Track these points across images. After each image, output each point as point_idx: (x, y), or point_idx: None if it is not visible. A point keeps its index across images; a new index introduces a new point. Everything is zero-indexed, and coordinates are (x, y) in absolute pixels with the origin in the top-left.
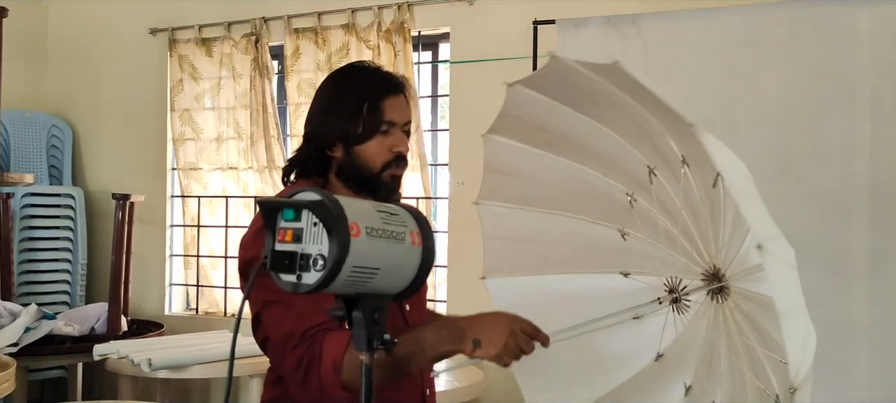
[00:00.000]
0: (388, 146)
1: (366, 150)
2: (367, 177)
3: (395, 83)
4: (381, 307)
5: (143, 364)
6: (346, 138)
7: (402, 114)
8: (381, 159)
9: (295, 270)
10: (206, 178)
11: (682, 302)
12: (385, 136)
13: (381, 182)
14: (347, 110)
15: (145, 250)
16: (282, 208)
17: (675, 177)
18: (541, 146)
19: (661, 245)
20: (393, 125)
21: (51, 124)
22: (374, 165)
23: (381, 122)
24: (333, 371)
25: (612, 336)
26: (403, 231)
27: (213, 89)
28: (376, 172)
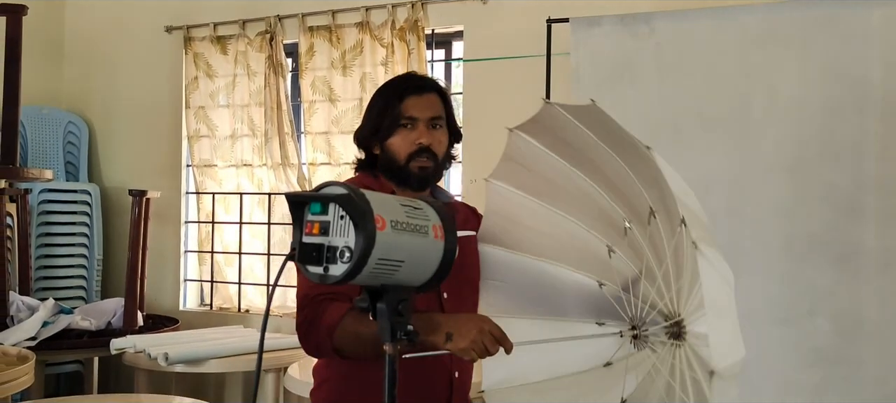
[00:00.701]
0: (411, 139)
1: (392, 144)
2: (397, 168)
3: (418, 83)
4: (405, 298)
5: (160, 359)
6: (377, 135)
7: (425, 111)
8: (405, 151)
9: (322, 262)
10: (220, 175)
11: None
12: (408, 131)
13: (409, 172)
14: (376, 110)
15: (160, 246)
16: (309, 202)
17: (644, 230)
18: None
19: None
20: (414, 120)
21: (67, 121)
22: (400, 157)
23: (400, 117)
24: (327, 333)
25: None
26: (426, 224)
27: (228, 87)
28: (403, 163)
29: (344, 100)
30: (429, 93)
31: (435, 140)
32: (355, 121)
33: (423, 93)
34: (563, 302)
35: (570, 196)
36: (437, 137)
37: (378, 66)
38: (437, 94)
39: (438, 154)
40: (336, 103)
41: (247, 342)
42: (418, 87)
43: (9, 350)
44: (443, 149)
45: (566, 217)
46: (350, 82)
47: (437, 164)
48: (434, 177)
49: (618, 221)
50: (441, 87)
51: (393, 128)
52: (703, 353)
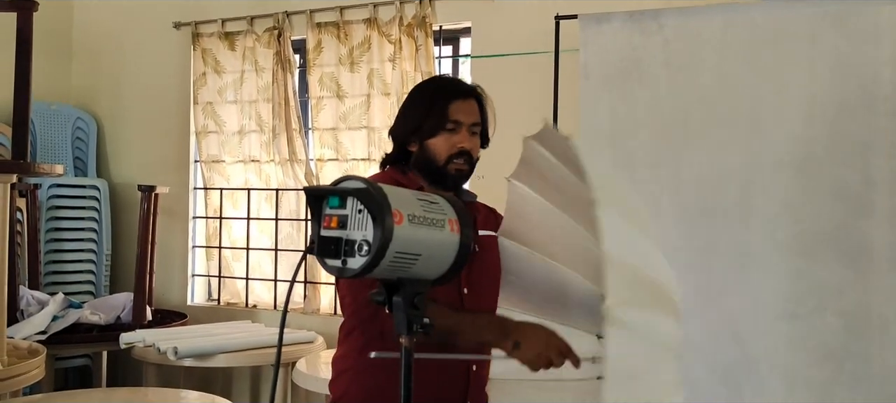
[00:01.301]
0: (453, 142)
1: (434, 145)
2: (435, 168)
3: (464, 89)
4: (420, 292)
5: (170, 352)
6: (418, 134)
7: (468, 116)
8: (446, 153)
9: (340, 255)
10: (228, 171)
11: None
12: (451, 134)
13: (446, 173)
14: (420, 111)
15: (168, 241)
16: (328, 196)
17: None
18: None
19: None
20: (458, 124)
21: (76, 117)
22: (440, 158)
23: (446, 120)
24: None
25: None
26: (443, 218)
27: (236, 83)
28: (442, 164)
29: (351, 97)
30: (472, 99)
31: (474, 145)
32: (363, 118)
33: (468, 98)
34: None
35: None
36: (475, 143)
37: (386, 63)
38: (476, 102)
39: (474, 158)
40: (344, 99)
41: (255, 337)
42: (465, 93)
43: (20, 343)
44: (477, 154)
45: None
46: (358, 78)
47: (471, 167)
48: (466, 178)
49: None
50: (481, 95)
51: (437, 129)
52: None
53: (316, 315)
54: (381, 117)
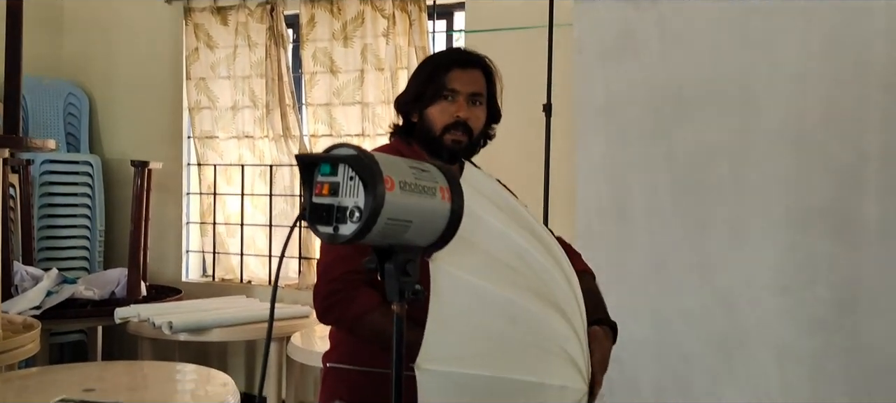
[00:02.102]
0: (451, 112)
1: (431, 113)
2: (431, 138)
3: (465, 58)
4: (412, 259)
5: (164, 327)
6: (418, 103)
7: (467, 85)
8: (442, 122)
9: (332, 222)
10: (221, 147)
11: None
12: (448, 103)
13: (442, 143)
14: (421, 79)
15: (162, 217)
16: (319, 163)
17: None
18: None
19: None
20: (456, 93)
21: (68, 92)
22: (436, 128)
23: (443, 89)
24: (355, 320)
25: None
26: (434, 186)
27: (229, 58)
28: (438, 134)
29: (345, 72)
30: (474, 69)
31: (472, 115)
32: (357, 93)
33: (469, 68)
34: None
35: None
36: (475, 113)
37: (379, 38)
38: (482, 72)
39: (474, 129)
40: (337, 74)
41: (249, 311)
42: (465, 62)
43: (14, 318)
44: (479, 125)
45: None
46: (351, 53)
47: (470, 140)
48: (467, 151)
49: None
50: (488, 66)
51: (434, 98)
52: None
53: (310, 290)
54: (375, 92)
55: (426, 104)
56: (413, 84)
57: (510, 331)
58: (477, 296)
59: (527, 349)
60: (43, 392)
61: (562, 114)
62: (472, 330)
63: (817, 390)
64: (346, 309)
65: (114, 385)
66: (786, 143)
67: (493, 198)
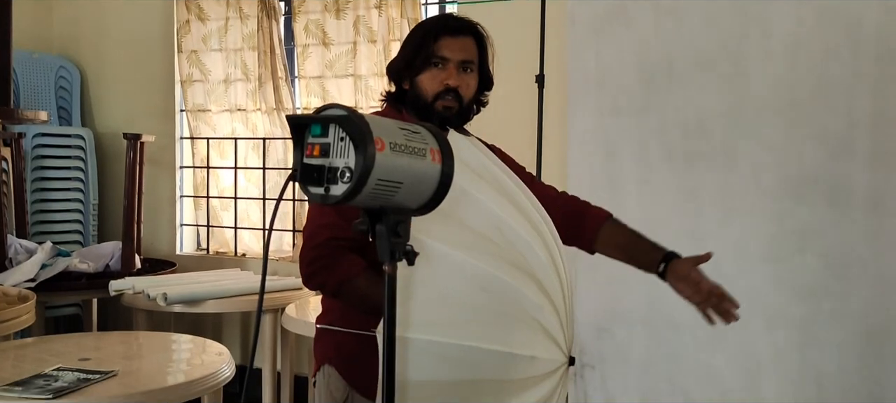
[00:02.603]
0: (440, 79)
1: (421, 81)
2: (422, 105)
3: (455, 24)
4: (403, 221)
5: (159, 299)
6: (408, 71)
7: (457, 52)
8: (432, 90)
9: (323, 183)
10: (214, 120)
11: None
12: (438, 70)
13: (433, 111)
14: (410, 46)
15: (155, 191)
16: (310, 124)
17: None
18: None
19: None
20: (445, 61)
21: (58, 65)
22: (427, 95)
23: (432, 56)
24: (338, 285)
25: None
26: (425, 147)
27: (221, 30)
28: (429, 101)
29: (338, 44)
30: (464, 35)
31: (463, 83)
32: (349, 65)
33: (459, 35)
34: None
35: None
36: (465, 80)
37: (372, 10)
38: (473, 39)
39: (465, 97)
40: (330, 47)
41: (244, 283)
42: (455, 29)
43: (9, 290)
44: (470, 93)
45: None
46: (343, 26)
47: (462, 107)
48: (458, 119)
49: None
50: (479, 32)
51: (424, 65)
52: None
53: None
54: (368, 65)
55: (416, 71)
56: (403, 51)
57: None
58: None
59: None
60: (39, 362)
61: (554, 85)
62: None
63: (807, 357)
64: (329, 274)
65: (109, 354)
66: (777, 113)
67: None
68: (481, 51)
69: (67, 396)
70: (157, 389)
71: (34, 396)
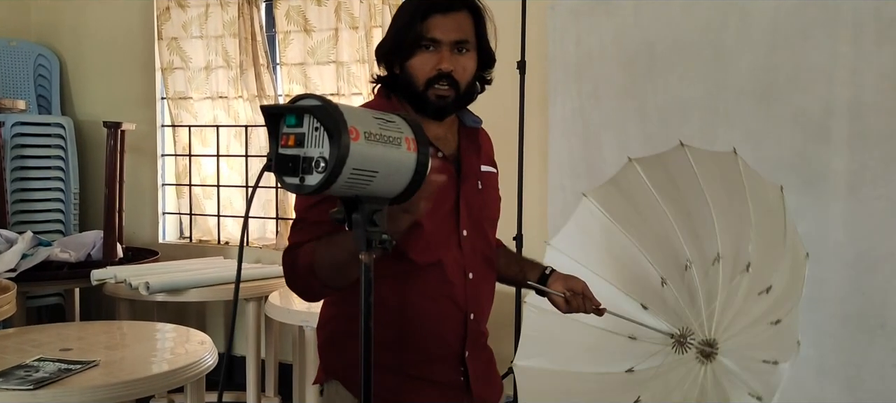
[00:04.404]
0: (433, 63)
1: (411, 67)
2: (414, 92)
3: (446, 2)
4: (379, 209)
5: (141, 288)
6: (397, 55)
7: (450, 33)
8: (424, 76)
9: (298, 173)
10: (196, 108)
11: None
12: (429, 53)
13: (426, 99)
14: (398, 27)
15: (137, 179)
16: (285, 114)
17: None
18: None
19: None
20: (437, 43)
21: (37, 54)
22: (419, 82)
23: (422, 38)
24: (308, 273)
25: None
26: (400, 136)
27: (201, 17)
28: (421, 89)
29: (319, 31)
30: (457, 11)
31: (458, 66)
32: (331, 52)
33: (451, 11)
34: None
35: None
36: (461, 63)
37: None
38: (468, 13)
39: (461, 81)
40: (311, 34)
41: (227, 272)
42: (445, 6)
43: None
44: (467, 76)
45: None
46: (325, 12)
47: (458, 93)
48: (456, 104)
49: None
50: (474, 4)
51: (414, 48)
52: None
53: None
54: (350, 51)
55: (406, 55)
56: (391, 31)
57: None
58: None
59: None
60: (20, 352)
61: (536, 70)
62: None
63: None
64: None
65: (91, 344)
66: (755, 98)
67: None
68: (478, 26)
69: (49, 387)
70: (140, 378)
71: (15, 387)
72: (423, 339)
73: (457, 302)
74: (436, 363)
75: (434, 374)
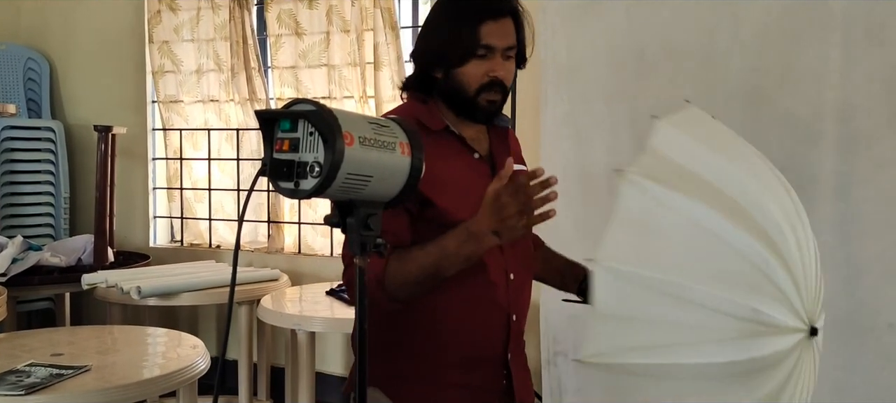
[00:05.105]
0: (485, 70)
1: (462, 74)
2: (463, 99)
3: (497, 7)
4: (374, 213)
5: (133, 292)
6: (444, 61)
7: (502, 39)
8: (476, 83)
9: (293, 177)
10: (187, 111)
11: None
12: (482, 61)
13: (477, 105)
14: (445, 33)
15: (128, 183)
16: (279, 119)
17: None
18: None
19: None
20: (491, 49)
21: (27, 57)
22: (470, 89)
23: (477, 46)
24: (377, 285)
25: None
26: (394, 141)
27: (192, 20)
28: (472, 96)
29: (311, 34)
30: (506, 17)
31: (509, 72)
32: (323, 56)
33: (501, 17)
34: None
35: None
36: (509, 69)
37: None
38: (512, 19)
39: (508, 85)
40: (303, 37)
41: (219, 275)
42: (497, 11)
43: None
44: (511, 80)
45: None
46: (316, 15)
47: (505, 97)
48: (501, 108)
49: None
50: (518, 10)
51: (466, 56)
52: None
53: (280, 254)
54: (341, 55)
55: (456, 62)
56: (436, 37)
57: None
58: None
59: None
60: (11, 357)
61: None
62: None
63: None
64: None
65: (83, 349)
66: (744, 100)
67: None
68: (519, 31)
69: (40, 392)
70: (132, 383)
71: (6, 392)
72: (466, 345)
73: (499, 304)
74: (478, 369)
75: (474, 380)
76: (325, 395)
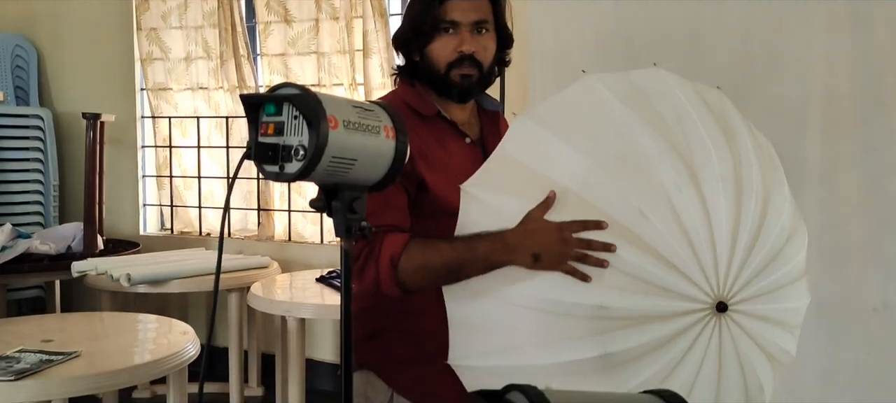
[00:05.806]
0: (453, 46)
1: (431, 51)
2: (436, 77)
3: None
4: (358, 197)
5: (123, 280)
6: (416, 41)
7: (467, 13)
8: (445, 59)
9: (277, 161)
10: (176, 99)
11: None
12: (449, 36)
13: (449, 81)
14: (414, 13)
15: (117, 171)
16: (264, 103)
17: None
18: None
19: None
20: (456, 25)
21: (14, 44)
22: (440, 66)
23: (440, 22)
24: (390, 265)
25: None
26: (378, 125)
27: (180, 7)
28: (443, 73)
29: (300, 21)
30: None
31: (479, 46)
32: (312, 43)
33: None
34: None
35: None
36: (481, 43)
37: None
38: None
39: (483, 61)
40: (292, 24)
41: (209, 263)
42: None
43: None
44: (488, 56)
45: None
46: (306, 3)
47: (481, 73)
48: (479, 85)
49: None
50: None
51: (433, 33)
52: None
53: (270, 241)
54: (330, 42)
55: (425, 40)
56: (408, 18)
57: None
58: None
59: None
60: (1, 344)
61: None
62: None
63: None
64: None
65: (73, 335)
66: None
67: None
68: (495, 5)
69: (30, 377)
70: (122, 369)
71: None
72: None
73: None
74: None
75: None
76: (315, 381)
